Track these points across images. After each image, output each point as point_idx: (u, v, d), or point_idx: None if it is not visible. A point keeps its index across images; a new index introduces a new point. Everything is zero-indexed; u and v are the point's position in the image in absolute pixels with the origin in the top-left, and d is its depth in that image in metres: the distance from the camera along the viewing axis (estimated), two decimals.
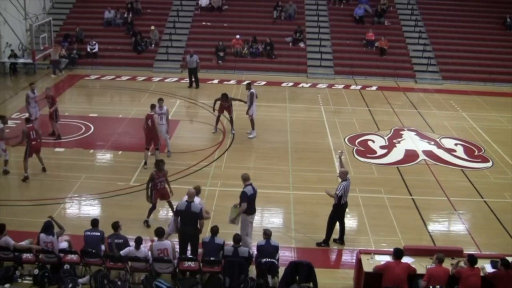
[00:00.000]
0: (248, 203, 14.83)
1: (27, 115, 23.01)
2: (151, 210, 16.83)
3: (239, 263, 13.55)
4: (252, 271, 13.94)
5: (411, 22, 39.24)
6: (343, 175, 15.71)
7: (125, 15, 38.63)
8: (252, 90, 24.08)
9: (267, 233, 14.05)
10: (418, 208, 18.50)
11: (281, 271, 13.70)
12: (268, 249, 13.87)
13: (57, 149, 22.49)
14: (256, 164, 21.75)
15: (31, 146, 19.68)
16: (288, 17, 39.11)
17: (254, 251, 14.17)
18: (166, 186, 16.96)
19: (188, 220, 14.32)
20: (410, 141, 24.40)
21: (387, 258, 13.28)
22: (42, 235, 14.06)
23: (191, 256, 14.12)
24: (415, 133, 25.33)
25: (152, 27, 37.36)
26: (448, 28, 38.97)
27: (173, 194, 17.02)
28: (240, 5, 40.50)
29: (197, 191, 15.25)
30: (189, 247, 14.54)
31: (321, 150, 23.16)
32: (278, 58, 36.31)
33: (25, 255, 14.32)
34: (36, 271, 13.97)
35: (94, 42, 36.16)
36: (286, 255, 15.06)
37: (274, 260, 13.74)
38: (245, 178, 15.23)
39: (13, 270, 14.07)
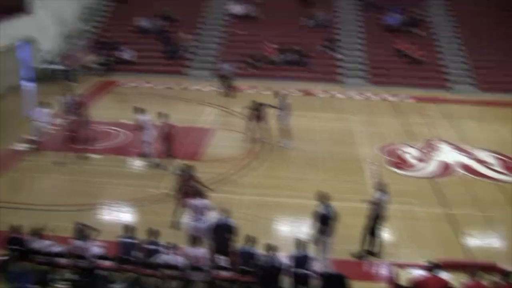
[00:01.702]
0: (322, 224, 14.54)
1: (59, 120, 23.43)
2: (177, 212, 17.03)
3: (272, 273, 13.53)
4: (285, 281, 13.89)
5: (445, 32, 38.86)
6: (380, 187, 15.62)
7: (160, 23, 38.86)
8: (280, 98, 24.16)
9: (300, 243, 14.01)
10: (453, 222, 18.30)
11: (314, 282, 13.66)
12: (301, 259, 13.83)
13: (90, 155, 22.70)
14: (287, 173, 21.71)
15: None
16: (321, 26, 39.04)
17: (287, 261, 14.12)
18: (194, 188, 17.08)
19: (223, 234, 14.27)
20: (445, 153, 24.15)
21: (421, 272, 13.14)
22: (75, 241, 14.24)
23: (225, 265, 14.07)
24: (450, 145, 25.03)
25: (186, 35, 37.55)
26: (484, 36, 38.20)
27: (212, 190, 17.18)
28: (273, 13, 40.45)
29: (201, 192, 15.62)
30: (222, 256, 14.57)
31: (353, 161, 23.04)
32: (311, 67, 36.25)
33: (60, 260, 14.48)
34: (69, 276, 14.13)
35: (127, 49, 36.42)
36: (317, 266, 14.88)
37: (307, 271, 13.70)
38: (323, 197, 14.83)
39: (48, 274, 14.25)
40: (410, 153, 24.03)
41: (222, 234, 14.31)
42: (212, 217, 14.70)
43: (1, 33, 29.78)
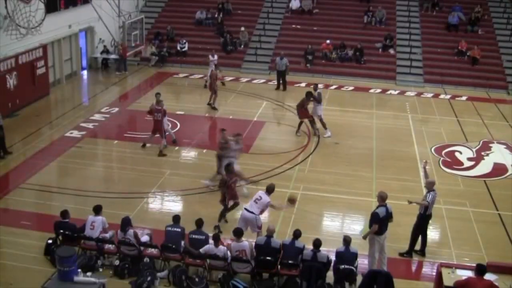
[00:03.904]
0: (379, 225, 14.37)
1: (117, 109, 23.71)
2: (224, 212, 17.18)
3: (317, 268, 13.55)
4: (330, 277, 13.88)
5: (506, 31, 37.88)
6: (430, 186, 15.47)
7: (216, 15, 39.14)
8: (318, 91, 24.66)
9: (346, 240, 13.98)
10: (505, 224, 17.94)
11: (359, 278, 13.64)
12: (347, 255, 13.81)
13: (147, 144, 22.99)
14: (339, 169, 21.60)
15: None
16: (379, 23, 38.67)
17: (333, 257, 14.10)
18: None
19: (267, 256, 14.09)
20: (499, 154, 23.68)
21: (469, 274, 12.91)
22: (119, 232, 14.61)
23: (268, 258, 14.07)
24: (505, 146, 24.52)
25: (242, 28, 37.73)
26: None
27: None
28: (330, 9, 40.29)
29: (271, 189, 15.55)
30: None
31: (407, 159, 22.77)
32: (367, 64, 35.93)
33: (107, 246, 14.81)
34: (117, 262, 14.42)
35: (184, 41, 36.81)
36: (365, 263, 14.82)
37: (352, 267, 13.68)
38: (383, 198, 14.58)
39: (95, 259, 14.57)
40: (464, 153, 23.65)
41: (265, 255, 14.06)
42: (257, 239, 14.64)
43: (61, 21, 30.48)
